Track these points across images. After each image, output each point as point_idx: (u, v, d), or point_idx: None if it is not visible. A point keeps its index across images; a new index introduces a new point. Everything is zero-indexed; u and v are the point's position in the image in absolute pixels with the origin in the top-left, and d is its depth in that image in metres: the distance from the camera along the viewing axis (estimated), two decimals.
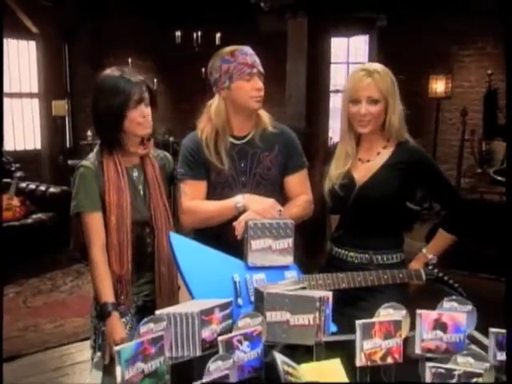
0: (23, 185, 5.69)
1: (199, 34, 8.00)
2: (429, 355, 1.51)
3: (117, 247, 1.86)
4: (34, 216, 5.33)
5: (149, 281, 1.95)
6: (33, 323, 3.94)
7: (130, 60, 8.61)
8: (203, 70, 8.24)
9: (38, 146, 7.95)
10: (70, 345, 3.56)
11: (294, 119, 4.43)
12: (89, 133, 7.63)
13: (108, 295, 1.81)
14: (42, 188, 5.64)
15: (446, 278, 1.91)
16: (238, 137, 2.02)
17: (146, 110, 1.86)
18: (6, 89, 7.85)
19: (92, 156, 1.93)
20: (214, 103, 2.02)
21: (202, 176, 2.01)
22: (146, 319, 1.36)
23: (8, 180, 5.59)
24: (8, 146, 7.86)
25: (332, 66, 8.51)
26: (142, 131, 1.87)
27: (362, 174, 1.98)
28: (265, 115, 2.05)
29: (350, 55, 8.57)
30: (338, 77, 8.71)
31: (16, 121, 8.03)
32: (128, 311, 1.89)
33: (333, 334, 1.70)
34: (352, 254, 2.00)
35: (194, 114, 2.17)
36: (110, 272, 1.84)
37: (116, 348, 1.27)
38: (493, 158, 6.32)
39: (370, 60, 8.34)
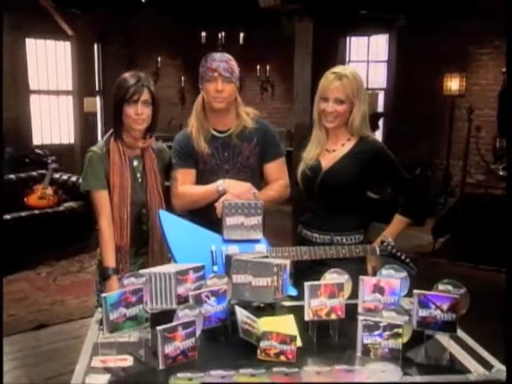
0: (56, 176, 6.13)
1: (223, 34, 8.34)
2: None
3: (118, 222, 2.20)
4: (66, 204, 5.73)
5: (144, 253, 2.28)
6: (60, 299, 4.38)
7: (159, 59, 9.02)
8: None
9: (72, 141, 8.47)
10: (91, 318, 3.94)
11: (300, 115, 4.74)
12: None
13: (110, 261, 2.15)
14: (73, 179, 6.06)
15: (398, 253, 2.17)
16: (220, 131, 2.32)
17: (140, 109, 2.15)
18: (43, 86, 8.39)
19: (100, 143, 2.28)
20: (196, 100, 2.35)
21: (191, 165, 2.31)
22: (127, 274, 1.71)
23: (43, 171, 6.07)
24: (45, 139, 8.42)
25: (353, 64, 8.74)
26: (135, 126, 2.18)
27: (328, 161, 2.27)
28: (245, 114, 2.33)
29: (370, 54, 8.77)
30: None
31: (53, 116, 8.57)
32: None
33: (294, 297, 2.02)
34: (316, 235, 2.29)
35: None
36: None
37: (103, 295, 1.61)
38: (506, 155, 6.45)
39: (390, 58, 8.52)
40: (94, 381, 1.50)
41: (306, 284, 1.78)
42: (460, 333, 1.79)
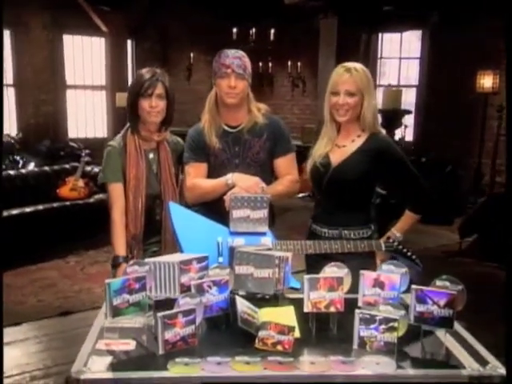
0: (88, 168, 6.30)
1: (254, 30, 8.36)
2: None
3: (133, 212, 2.30)
4: (96, 196, 5.87)
5: (156, 241, 2.37)
6: (86, 287, 4.53)
7: (191, 55, 9.13)
8: (260, 64, 8.61)
9: (106, 134, 8.68)
10: None
11: (323, 110, 4.74)
12: None
13: (121, 250, 2.24)
14: None
15: (404, 250, 2.18)
16: (232, 126, 2.37)
17: (154, 102, 2.24)
18: (79, 81, 8.62)
19: (118, 137, 2.38)
20: (209, 95, 2.40)
21: (202, 159, 2.37)
22: (131, 262, 1.78)
23: (76, 164, 6.26)
24: (80, 133, 8.66)
25: (386, 60, 8.67)
26: (149, 119, 2.27)
27: (337, 157, 2.29)
28: (256, 110, 2.37)
29: (402, 50, 8.66)
30: (391, 71, 8.87)
31: (88, 111, 8.80)
32: None
33: (298, 290, 2.06)
34: (325, 229, 2.31)
35: None
36: (127, 231, 2.28)
37: (106, 281, 1.68)
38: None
39: (423, 55, 8.40)
40: (96, 362, 1.58)
41: (306, 277, 1.81)
42: (460, 329, 1.80)
